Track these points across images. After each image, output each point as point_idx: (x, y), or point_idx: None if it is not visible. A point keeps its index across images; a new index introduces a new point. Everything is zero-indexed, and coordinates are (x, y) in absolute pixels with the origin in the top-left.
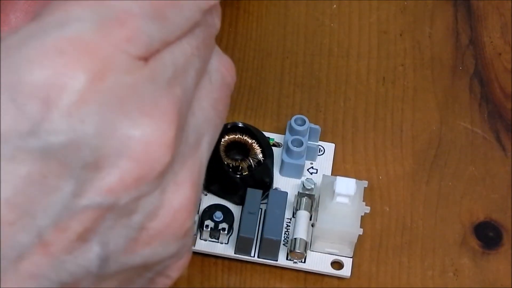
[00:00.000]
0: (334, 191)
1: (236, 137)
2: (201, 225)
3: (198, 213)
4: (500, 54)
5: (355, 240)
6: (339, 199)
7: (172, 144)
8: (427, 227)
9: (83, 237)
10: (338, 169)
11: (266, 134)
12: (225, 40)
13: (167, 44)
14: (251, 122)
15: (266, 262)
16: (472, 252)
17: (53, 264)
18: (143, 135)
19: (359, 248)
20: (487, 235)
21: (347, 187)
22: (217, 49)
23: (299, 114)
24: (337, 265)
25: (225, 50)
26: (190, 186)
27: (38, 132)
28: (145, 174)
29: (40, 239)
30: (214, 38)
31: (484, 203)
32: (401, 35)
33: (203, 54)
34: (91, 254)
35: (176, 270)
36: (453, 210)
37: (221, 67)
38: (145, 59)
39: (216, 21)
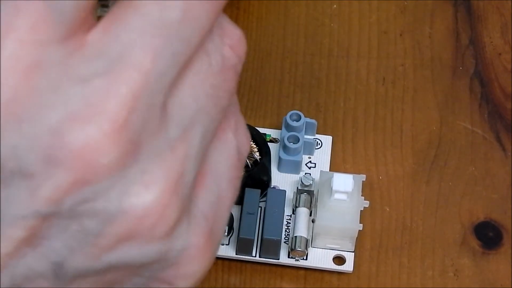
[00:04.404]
0: (331, 188)
1: None
2: None
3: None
4: (500, 54)
5: (356, 235)
6: (337, 196)
7: (116, 144)
8: (427, 227)
9: (30, 243)
10: (338, 169)
11: (263, 130)
12: None
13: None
14: (251, 122)
15: (267, 261)
16: (472, 252)
17: (3, 272)
18: (75, 139)
19: (359, 248)
20: (487, 235)
21: (345, 184)
22: (223, 19)
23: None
24: (339, 260)
25: None
26: (163, 186)
27: None
28: (83, 179)
29: None
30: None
31: (484, 203)
32: (401, 35)
33: (185, 26)
34: (42, 259)
35: (180, 278)
36: (453, 210)
37: (224, 46)
38: (68, 41)
39: None
